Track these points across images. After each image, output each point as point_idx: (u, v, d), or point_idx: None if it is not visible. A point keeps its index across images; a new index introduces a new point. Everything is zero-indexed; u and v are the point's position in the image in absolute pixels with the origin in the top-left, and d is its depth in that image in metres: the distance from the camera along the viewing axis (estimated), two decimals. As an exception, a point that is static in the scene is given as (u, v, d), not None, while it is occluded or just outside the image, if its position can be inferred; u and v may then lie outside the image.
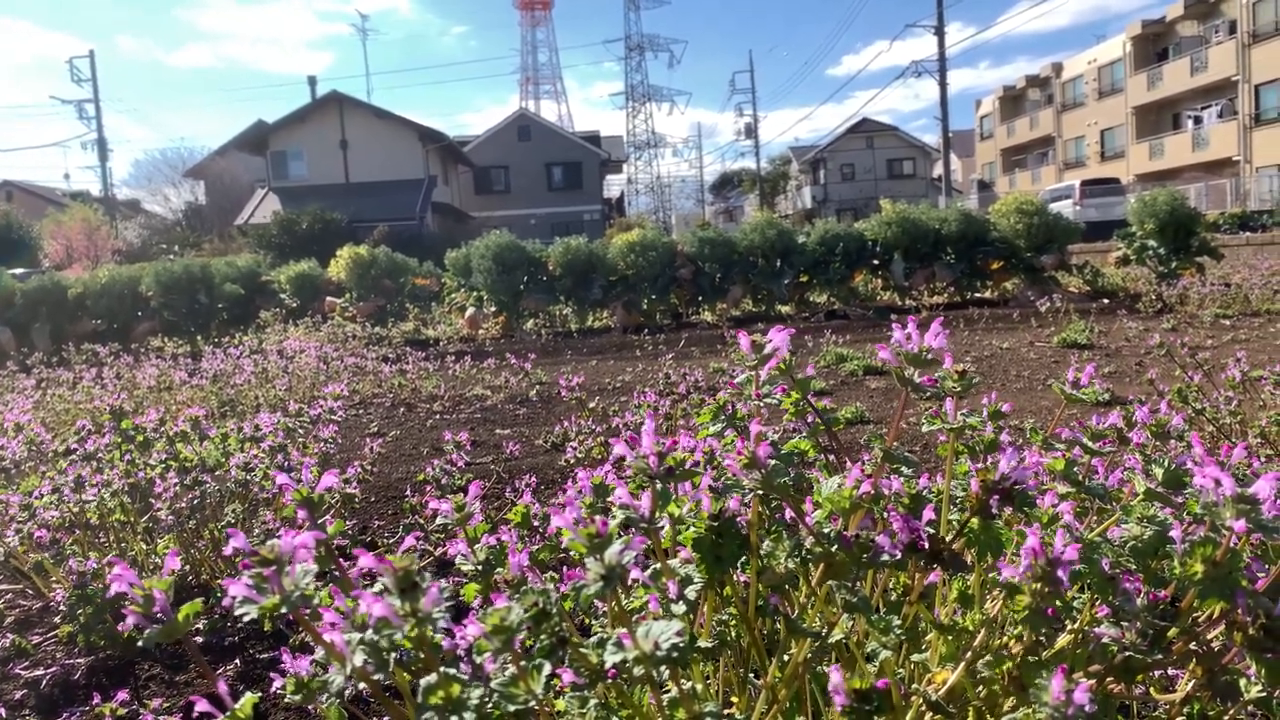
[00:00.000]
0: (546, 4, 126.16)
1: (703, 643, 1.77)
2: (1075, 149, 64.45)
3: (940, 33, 44.56)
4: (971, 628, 2.05)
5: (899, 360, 1.68)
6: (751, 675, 2.19)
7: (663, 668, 1.32)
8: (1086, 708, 1.24)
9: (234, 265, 15.38)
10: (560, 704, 1.68)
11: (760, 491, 1.68)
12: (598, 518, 1.31)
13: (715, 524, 1.64)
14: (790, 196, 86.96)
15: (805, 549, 1.71)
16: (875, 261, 15.17)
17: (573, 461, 4.98)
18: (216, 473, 4.09)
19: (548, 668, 1.34)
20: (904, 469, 1.85)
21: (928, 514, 1.76)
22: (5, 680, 3.64)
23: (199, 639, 3.72)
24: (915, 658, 2.00)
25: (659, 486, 1.50)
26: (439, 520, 1.81)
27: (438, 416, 7.75)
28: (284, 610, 1.23)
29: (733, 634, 2.06)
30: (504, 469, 5.16)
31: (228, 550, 1.31)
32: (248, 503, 4.12)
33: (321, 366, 9.06)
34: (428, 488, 4.55)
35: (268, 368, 8.78)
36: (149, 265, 15.00)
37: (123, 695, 2.59)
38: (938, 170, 64.18)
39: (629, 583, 1.68)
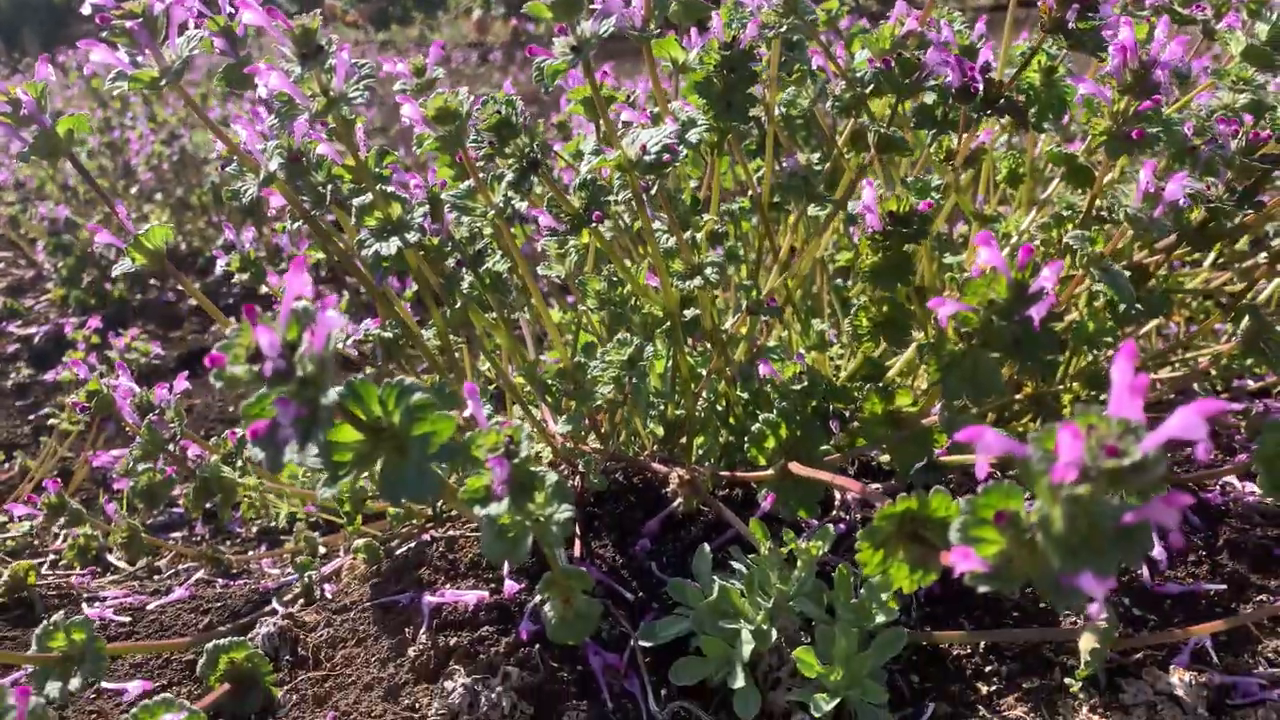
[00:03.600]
0: None
1: (709, 215, 1.53)
2: None
3: None
4: (1015, 228, 1.80)
5: None
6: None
7: (650, 172, 1.07)
8: (1181, 201, 0.99)
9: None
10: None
11: (783, 25, 1.36)
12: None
13: (727, 54, 1.33)
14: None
15: (836, 95, 1.42)
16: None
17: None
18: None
19: (510, 176, 1.09)
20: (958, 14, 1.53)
21: (984, 55, 1.46)
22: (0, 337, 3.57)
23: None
24: (950, 259, 1.76)
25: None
26: (397, 85, 1.52)
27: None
28: (164, 85, 0.97)
29: (739, 227, 1.82)
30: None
31: (85, 8, 1.04)
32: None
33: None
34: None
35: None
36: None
37: (95, 322, 2.45)
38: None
39: (619, 117, 1.41)
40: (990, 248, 0.81)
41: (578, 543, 1.39)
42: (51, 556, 2.10)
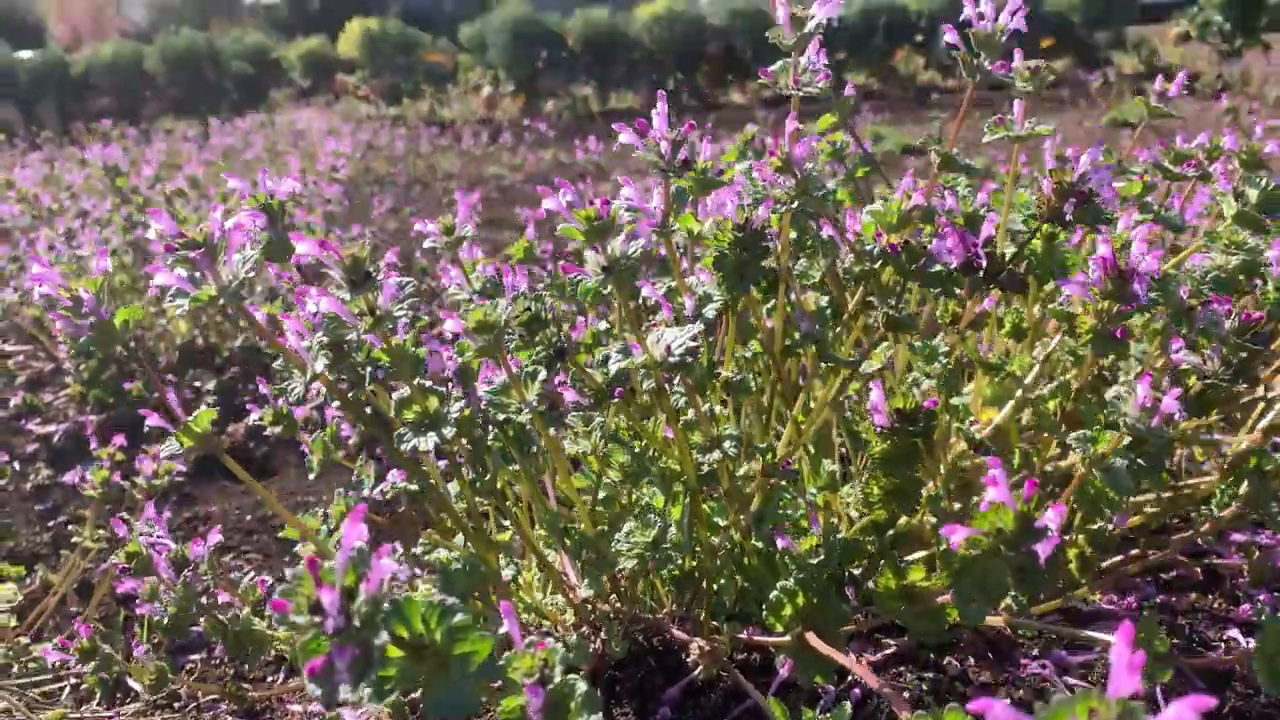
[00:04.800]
0: None
1: (725, 371, 1.59)
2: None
3: None
4: (1022, 368, 1.86)
5: (967, 44, 1.40)
6: (774, 425, 2.04)
7: (678, 386, 1.14)
8: (1176, 415, 1.05)
9: (241, 42, 14.67)
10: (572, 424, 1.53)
11: (794, 203, 1.44)
12: (598, 200, 1.09)
13: (740, 235, 1.41)
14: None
15: (845, 267, 1.49)
16: (919, 37, 14.20)
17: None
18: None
19: (543, 373, 1.16)
20: (963, 179, 1.61)
21: (986, 229, 1.53)
22: (18, 435, 3.62)
23: (211, 396, 3.65)
24: (955, 400, 1.82)
25: (673, 182, 1.26)
26: (427, 243, 1.59)
27: (454, 195, 7.46)
28: (223, 302, 1.04)
29: (755, 367, 1.89)
30: (521, 225, 4.92)
31: (150, 234, 1.11)
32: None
33: (332, 142, 8.71)
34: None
35: (277, 143, 8.45)
36: (154, 42, 14.34)
37: (120, 439, 2.52)
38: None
39: (639, 297, 1.48)
40: (998, 486, 0.87)
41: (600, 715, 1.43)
42: (73, 680, 2.13)
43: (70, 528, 2.82)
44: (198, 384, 3.75)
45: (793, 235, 1.63)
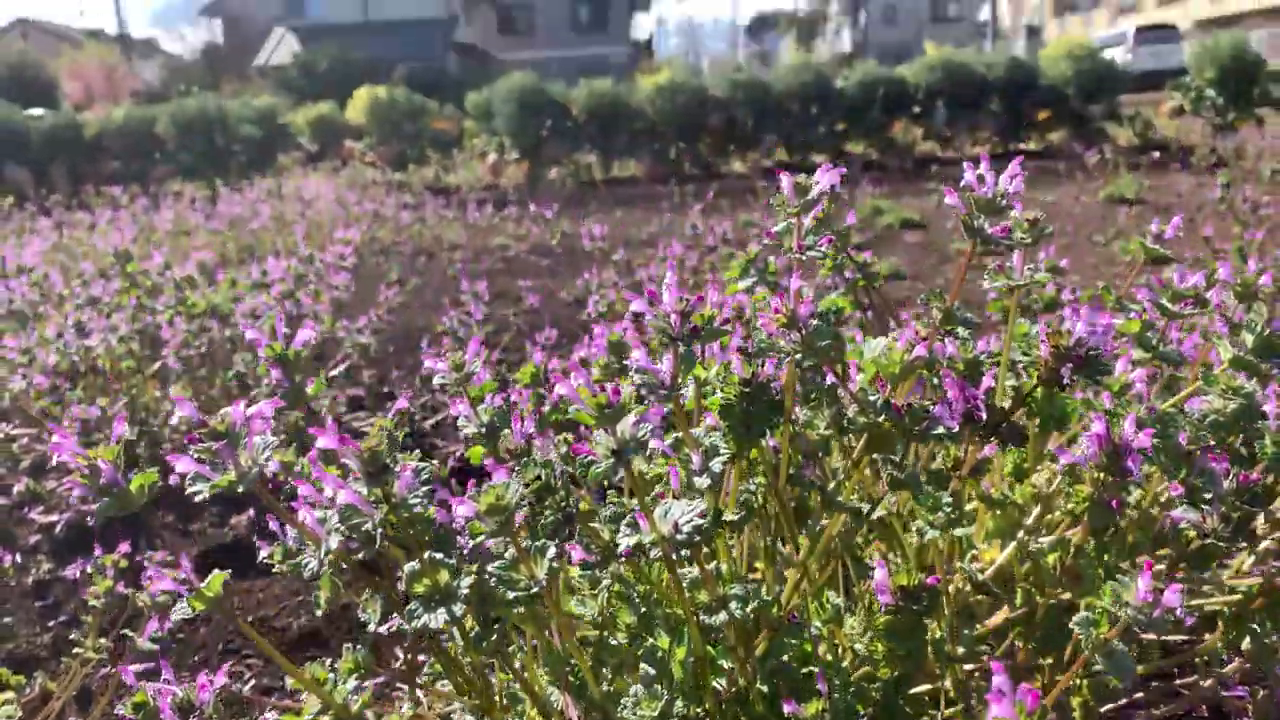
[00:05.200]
0: None
1: (728, 515, 1.61)
2: (1132, -10, 60.76)
3: None
4: (1023, 502, 1.87)
5: (968, 206, 1.44)
6: (779, 545, 2.05)
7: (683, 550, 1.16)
8: (1178, 610, 1.06)
9: (250, 106, 14.92)
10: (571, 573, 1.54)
11: (799, 355, 1.47)
12: (609, 385, 1.12)
13: (746, 389, 1.44)
14: (828, 40, 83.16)
15: (848, 419, 1.52)
16: (916, 109, 14.46)
17: (594, 316, 4.79)
18: (228, 319, 3.94)
19: (552, 550, 1.18)
20: (961, 331, 1.64)
21: (986, 381, 1.56)
22: (20, 525, 3.62)
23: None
24: (958, 532, 1.83)
25: (682, 350, 1.30)
26: (436, 380, 1.62)
27: (459, 266, 7.56)
28: (241, 489, 1.07)
29: (759, 500, 1.91)
30: (525, 322, 4.97)
31: (174, 420, 1.14)
32: (256, 356, 3.98)
33: (339, 212, 8.83)
34: (444, 339, 4.40)
35: (284, 213, 8.56)
36: (165, 105, 14.59)
37: (124, 547, 2.52)
38: (984, 14, 61.01)
39: (648, 452, 1.50)
40: (1002, 704, 0.89)
41: None
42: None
43: (72, 635, 2.81)
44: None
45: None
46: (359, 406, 4.25)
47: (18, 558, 3.33)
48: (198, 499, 1.03)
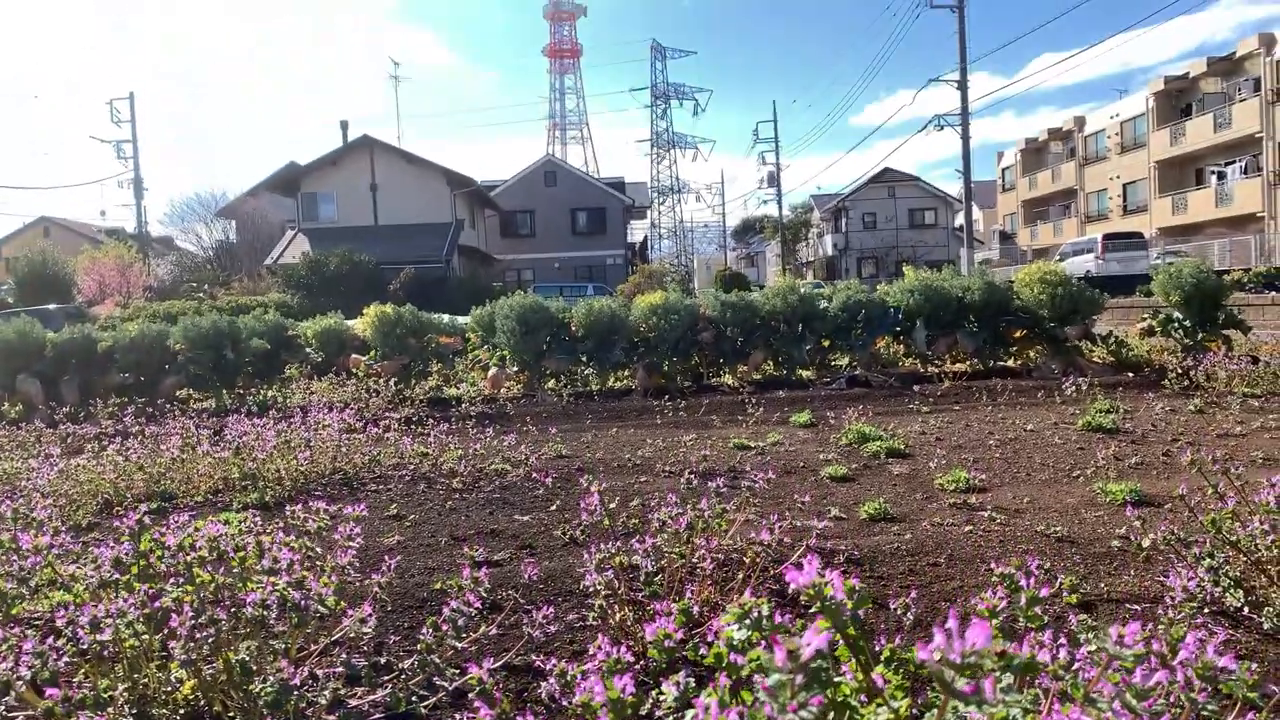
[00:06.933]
0: (575, 54, 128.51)
1: None
2: (1097, 202, 64.35)
3: (963, 87, 44.79)
4: None
5: (940, 665, 1.65)
6: None
7: None
8: None
9: (261, 320, 15.55)
10: None
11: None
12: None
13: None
14: (812, 244, 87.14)
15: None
16: (897, 329, 15.15)
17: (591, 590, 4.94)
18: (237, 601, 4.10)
19: None
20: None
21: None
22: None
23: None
24: None
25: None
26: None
27: (457, 496, 7.78)
28: None
29: None
30: (521, 596, 5.11)
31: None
32: (263, 633, 4.12)
33: (344, 440, 9.14)
34: (444, 605, 4.53)
35: (290, 439, 8.85)
36: (178, 322, 15.19)
37: None
38: (959, 220, 64.29)
39: None
40: None
41: None
42: None
43: None
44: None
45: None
46: (355, 682, 4.33)
47: None
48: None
